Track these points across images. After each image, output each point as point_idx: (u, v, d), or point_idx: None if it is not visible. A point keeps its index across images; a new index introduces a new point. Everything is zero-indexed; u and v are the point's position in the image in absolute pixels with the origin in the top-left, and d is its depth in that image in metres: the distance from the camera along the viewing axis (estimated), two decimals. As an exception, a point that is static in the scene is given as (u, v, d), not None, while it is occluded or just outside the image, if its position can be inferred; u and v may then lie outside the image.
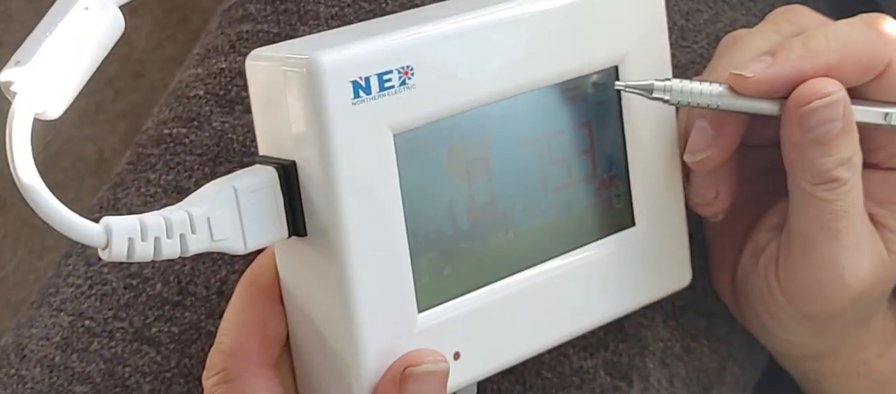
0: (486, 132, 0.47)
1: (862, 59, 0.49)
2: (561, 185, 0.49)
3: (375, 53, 0.44)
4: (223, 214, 0.43)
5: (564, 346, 0.54)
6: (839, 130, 0.48)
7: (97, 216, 0.41)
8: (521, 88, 0.47)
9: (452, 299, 0.47)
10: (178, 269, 0.54)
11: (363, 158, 0.43)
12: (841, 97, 0.48)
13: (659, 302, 0.55)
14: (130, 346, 0.53)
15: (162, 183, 0.55)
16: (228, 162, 0.55)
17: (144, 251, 0.42)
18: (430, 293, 0.46)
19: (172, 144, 0.56)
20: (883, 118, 0.50)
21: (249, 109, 0.46)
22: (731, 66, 0.49)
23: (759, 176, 0.54)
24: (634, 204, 0.51)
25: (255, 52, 0.45)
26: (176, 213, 0.42)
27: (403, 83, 0.44)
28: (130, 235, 0.41)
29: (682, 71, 0.58)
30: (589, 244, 0.50)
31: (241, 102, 0.56)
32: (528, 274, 0.48)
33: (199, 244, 0.43)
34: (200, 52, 0.59)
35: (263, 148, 0.46)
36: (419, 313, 0.46)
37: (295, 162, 0.44)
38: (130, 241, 0.41)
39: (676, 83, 0.49)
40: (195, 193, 0.44)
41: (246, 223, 0.44)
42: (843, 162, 0.49)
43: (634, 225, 0.51)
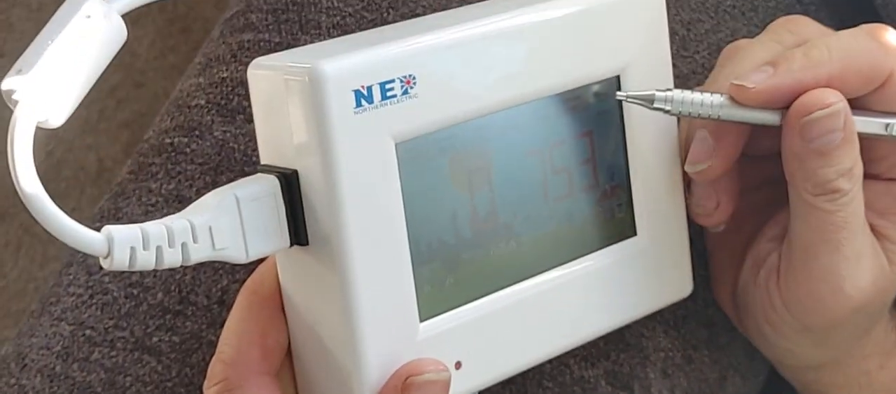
0: (488, 142, 0.47)
1: (863, 69, 0.49)
2: (562, 194, 0.49)
3: (378, 62, 0.43)
4: (225, 223, 0.43)
5: (566, 356, 0.54)
6: (840, 141, 0.48)
7: (98, 225, 0.41)
8: (523, 98, 0.47)
9: (454, 308, 0.47)
10: (179, 278, 0.54)
11: (365, 168, 0.43)
12: (842, 108, 0.48)
13: (660, 312, 0.55)
14: (131, 355, 0.53)
15: (163, 192, 0.55)
16: (230, 171, 0.55)
17: (146, 260, 0.42)
18: (431, 303, 0.46)
19: (174, 154, 0.56)
20: (884, 129, 0.50)
21: (251, 119, 0.46)
22: (732, 76, 0.49)
23: (760, 186, 0.54)
24: (636, 214, 0.51)
25: (256, 60, 0.45)
26: (177, 222, 0.42)
27: (406, 92, 0.44)
28: (132, 244, 0.41)
29: (683, 81, 0.58)
30: (590, 254, 0.50)
31: (242, 112, 0.55)
32: (529, 284, 0.48)
33: (200, 253, 0.43)
34: (202, 61, 0.59)
35: (265, 157, 0.46)
36: (421, 322, 0.46)
37: (297, 171, 0.44)
38: (132, 250, 0.41)
39: (678, 93, 0.49)
40: (197, 202, 0.44)
41: (247, 232, 0.43)
42: (844, 173, 0.48)
43: (636, 235, 0.51)
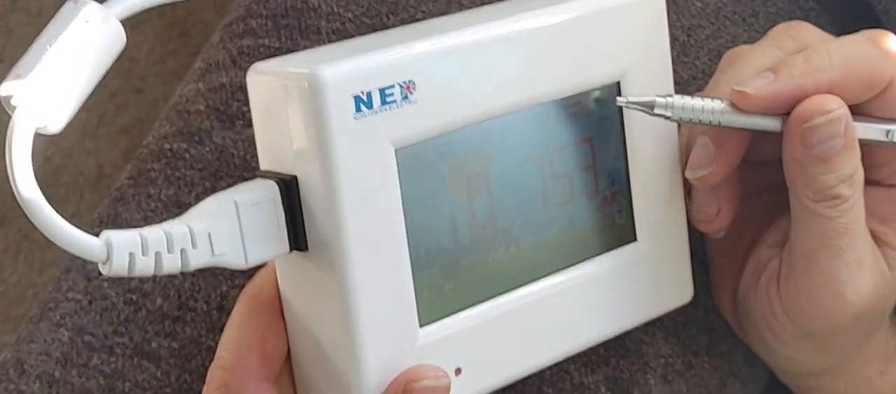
0: (488, 147, 0.47)
1: (864, 75, 0.49)
2: (563, 200, 0.49)
3: (377, 68, 0.43)
4: (224, 229, 0.43)
5: (565, 362, 0.54)
6: (841, 147, 0.48)
7: (97, 231, 0.41)
8: (523, 104, 0.47)
9: (454, 313, 0.46)
10: (178, 284, 0.54)
11: (365, 173, 0.43)
12: (843, 114, 0.48)
13: (660, 318, 0.54)
14: (130, 361, 0.53)
15: (162, 198, 0.55)
16: (229, 177, 0.55)
17: (145, 266, 0.41)
18: (431, 308, 0.46)
19: (173, 159, 0.56)
20: (885, 135, 0.50)
21: (250, 124, 0.46)
22: (732, 82, 0.49)
23: (760, 192, 0.54)
24: (636, 220, 0.51)
25: (255, 66, 0.45)
26: (177, 227, 0.42)
27: (405, 98, 0.44)
28: (131, 250, 0.41)
29: (683, 87, 0.58)
30: (590, 260, 0.50)
31: (241, 117, 0.55)
32: (529, 289, 0.48)
33: (200, 259, 0.43)
34: (201, 66, 0.59)
35: (264, 162, 0.45)
36: (421, 327, 0.46)
37: (296, 176, 0.44)
38: (131, 255, 0.41)
39: (678, 99, 0.49)
40: (196, 208, 0.43)
41: (247, 238, 0.43)
42: (844, 179, 0.48)
43: (636, 241, 0.51)
